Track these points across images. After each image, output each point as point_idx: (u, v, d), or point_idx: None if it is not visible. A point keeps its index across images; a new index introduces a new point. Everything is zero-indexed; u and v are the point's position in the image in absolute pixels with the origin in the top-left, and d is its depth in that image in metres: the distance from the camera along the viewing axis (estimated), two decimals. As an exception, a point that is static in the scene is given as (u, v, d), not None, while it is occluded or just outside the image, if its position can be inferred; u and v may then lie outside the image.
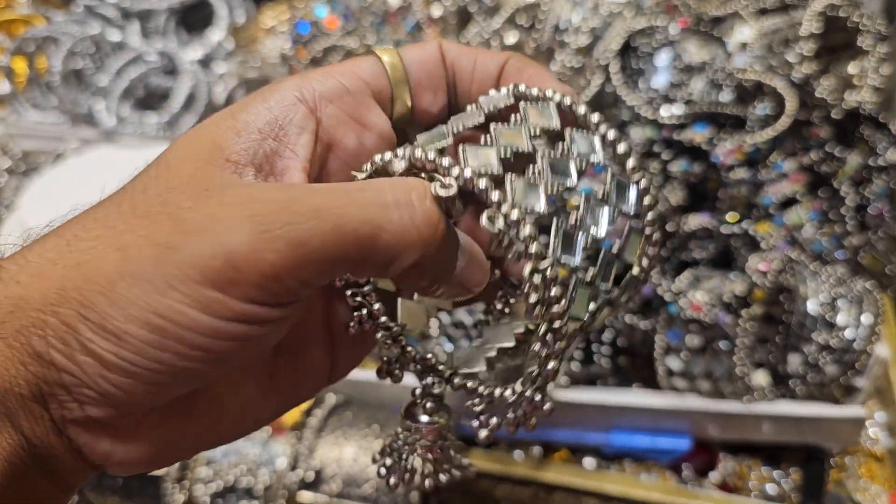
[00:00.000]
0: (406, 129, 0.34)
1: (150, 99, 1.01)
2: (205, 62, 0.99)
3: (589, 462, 0.71)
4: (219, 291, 0.24)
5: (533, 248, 0.27)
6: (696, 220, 0.68)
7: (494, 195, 0.27)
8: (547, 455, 0.71)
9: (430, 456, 0.34)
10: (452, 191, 0.27)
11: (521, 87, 0.32)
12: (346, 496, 0.64)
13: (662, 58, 0.72)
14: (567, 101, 0.32)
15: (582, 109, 0.31)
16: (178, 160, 0.27)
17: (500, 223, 0.27)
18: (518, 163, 0.30)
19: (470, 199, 0.29)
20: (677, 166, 0.68)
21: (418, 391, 0.35)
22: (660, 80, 0.72)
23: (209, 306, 0.24)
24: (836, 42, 0.76)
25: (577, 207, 0.30)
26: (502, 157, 0.29)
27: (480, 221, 0.27)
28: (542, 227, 0.29)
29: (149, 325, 0.24)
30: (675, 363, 0.66)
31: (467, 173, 0.28)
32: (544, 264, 0.28)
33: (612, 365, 0.69)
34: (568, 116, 0.32)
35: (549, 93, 0.32)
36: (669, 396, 0.67)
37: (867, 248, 0.73)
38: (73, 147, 0.95)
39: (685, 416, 0.67)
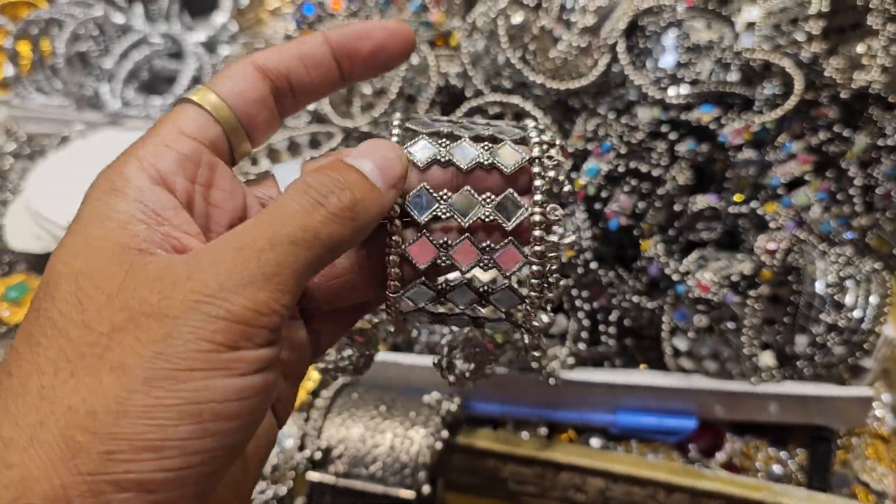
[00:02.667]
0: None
1: (154, 82, 1.00)
2: (209, 45, 0.98)
3: (595, 442, 0.71)
4: (234, 350, 0.25)
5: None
6: (703, 201, 0.67)
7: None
8: (553, 435, 0.71)
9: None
10: None
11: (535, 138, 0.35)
12: (354, 476, 0.64)
13: (670, 37, 0.72)
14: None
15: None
16: (93, 268, 0.26)
17: None
18: None
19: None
20: (684, 146, 0.68)
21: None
22: (667, 60, 0.71)
23: (231, 367, 0.24)
24: (845, 21, 0.75)
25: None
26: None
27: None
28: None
29: (184, 416, 0.24)
30: (681, 343, 0.66)
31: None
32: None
33: (618, 345, 0.69)
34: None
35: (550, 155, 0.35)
36: (676, 376, 0.67)
37: (875, 229, 0.72)
38: (78, 130, 0.95)
39: (692, 396, 0.67)
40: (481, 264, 0.33)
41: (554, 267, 0.34)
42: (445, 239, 0.33)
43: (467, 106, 0.70)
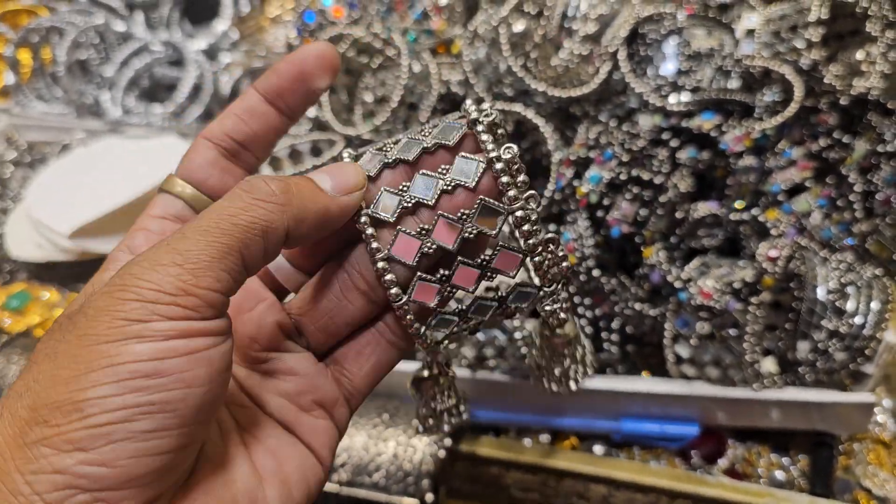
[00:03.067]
0: None
1: (155, 89, 1.00)
2: (210, 52, 0.99)
3: (598, 449, 0.71)
4: (145, 323, 0.27)
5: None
6: (704, 208, 0.68)
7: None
8: (556, 442, 0.72)
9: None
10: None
11: (473, 113, 0.35)
12: (357, 484, 0.64)
13: (670, 45, 0.72)
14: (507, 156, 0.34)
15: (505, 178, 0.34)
16: (71, 310, 0.31)
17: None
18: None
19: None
20: (685, 154, 0.68)
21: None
22: (668, 68, 0.71)
23: (143, 335, 0.27)
24: (844, 28, 0.76)
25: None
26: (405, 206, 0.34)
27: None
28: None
29: (103, 377, 0.26)
30: (683, 350, 0.66)
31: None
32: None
33: (620, 352, 0.69)
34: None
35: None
36: (678, 383, 0.67)
37: (875, 234, 0.73)
38: (79, 138, 0.95)
39: (694, 402, 0.68)
40: (485, 279, 0.34)
41: (550, 249, 0.35)
42: (441, 272, 0.34)
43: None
